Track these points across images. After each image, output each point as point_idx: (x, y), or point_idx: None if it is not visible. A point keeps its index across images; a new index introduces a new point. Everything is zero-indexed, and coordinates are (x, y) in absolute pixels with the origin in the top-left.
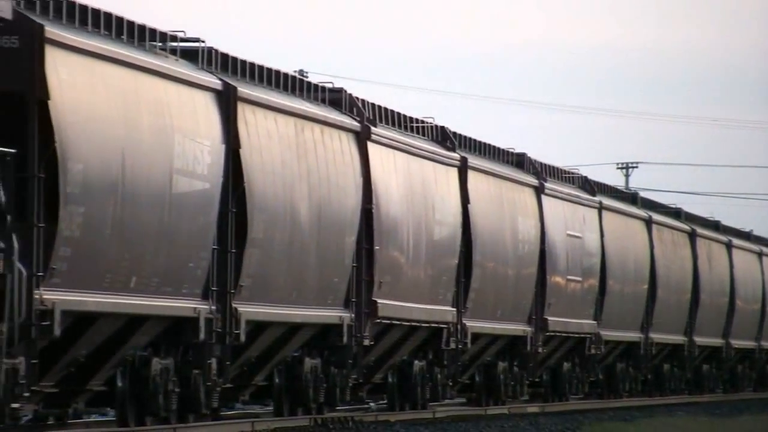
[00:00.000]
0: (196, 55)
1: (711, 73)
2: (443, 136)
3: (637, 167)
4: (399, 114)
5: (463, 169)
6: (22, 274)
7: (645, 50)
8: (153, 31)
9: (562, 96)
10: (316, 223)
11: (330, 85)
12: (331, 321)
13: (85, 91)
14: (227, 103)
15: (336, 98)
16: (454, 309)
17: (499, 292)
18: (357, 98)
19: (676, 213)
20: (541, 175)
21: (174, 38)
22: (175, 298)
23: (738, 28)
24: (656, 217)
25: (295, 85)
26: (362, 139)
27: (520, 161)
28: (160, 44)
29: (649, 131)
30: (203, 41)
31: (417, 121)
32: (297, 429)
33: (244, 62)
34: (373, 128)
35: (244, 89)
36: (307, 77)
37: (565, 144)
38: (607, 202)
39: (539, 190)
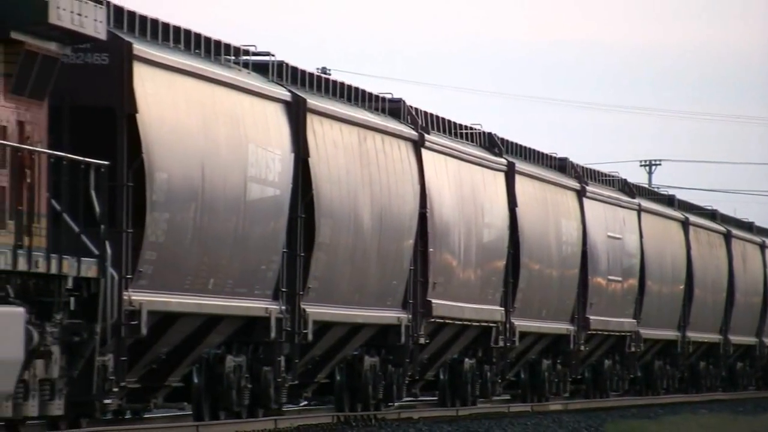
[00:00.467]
0: (266, 68)
1: (735, 70)
2: (491, 142)
3: (660, 165)
4: (450, 121)
5: (510, 174)
6: (113, 278)
7: (668, 48)
8: (227, 45)
9: (585, 93)
10: (377, 228)
11: (389, 96)
12: (389, 322)
13: (168, 105)
14: (296, 114)
15: (394, 108)
16: (503, 308)
17: (544, 292)
18: (412, 107)
19: (712, 214)
20: (583, 179)
21: (246, 52)
22: (248, 299)
23: (764, 25)
24: (693, 218)
25: (357, 95)
26: (418, 146)
27: (562, 165)
28: (233, 58)
29: (672, 129)
30: (273, 55)
31: (466, 128)
32: (321, 426)
33: (311, 75)
34: (427, 136)
35: (312, 100)
36: (329, 74)
37: (589, 141)
38: (646, 204)
39: (581, 193)
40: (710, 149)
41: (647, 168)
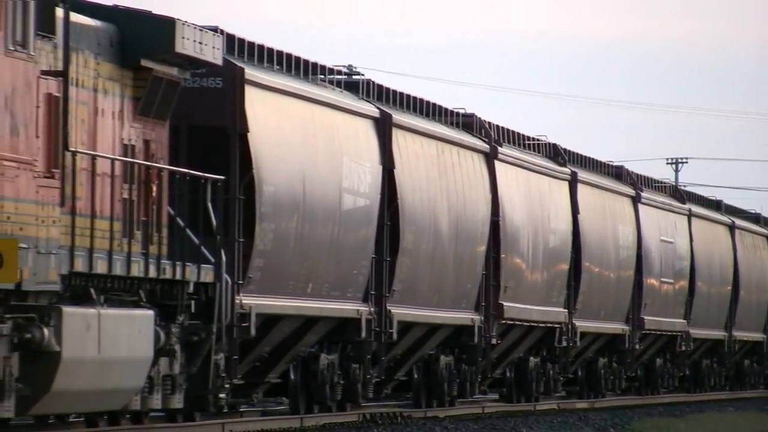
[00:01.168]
0: (356, 86)
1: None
2: (555, 152)
3: (686, 162)
4: (518, 134)
5: (572, 182)
6: (227, 283)
7: (696, 45)
8: (322, 66)
9: (611, 91)
10: (453, 235)
11: (463, 111)
12: (464, 323)
13: (273, 123)
14: (384, 128)
15: (468, 122)
16: (566, 310)
17: (603, 293)
18: (485, 122)
19: (756, 218)
20: (637, 185)
21: (339, 72)
22: (341, 301)
23: None
24: (739, 222)
25: (434, 110)
26: (491, 158)
27: (618, 173)
28: (329, 77)
29: (698, 126)
30: (362, 74)
31: (532, 139)
32: (346, 424)
33: (395, 92)
34: (499, 148)
35: (397, 116)
36: (356, 71)
37: (615, 139)
38: (696, 209)
39: (636, 200)
40: (737, 147)
41: (674, 166)
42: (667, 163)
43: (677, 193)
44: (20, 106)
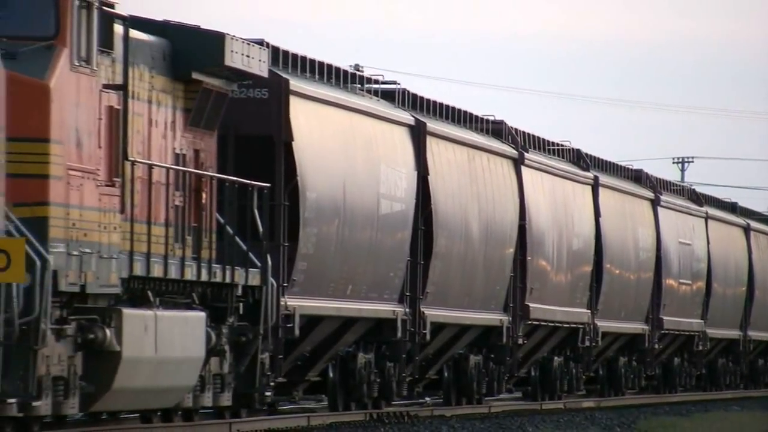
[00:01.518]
0: (392, 95)
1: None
2: (578, 158)
3: (692, 162)
4: (543, 140)
5: (595, 187)
6: (273, 286)
7: (701, 43)
8: (361, 76)
9: (618, 90)
10: (483, 239)
11: (492, 118)
12: (493, 323)
13: (316, 132)
14: (418, 136)
15: (497, 129)
16: (588, 311)
17: (623, 295)
18: (512, 128)
19: None
20: (657, 189)
21: (376, 81)
22: (378, 303)
23: None
24: (754, 224)
25: (465, 118)
26: (518, 164)
27: (637, 176)
28: (367, 86)
29: (704, 125)
30: (398, 83)
31: (556, 144)
32: (352, 423)
33: (428, 100)
34: (526, 154)
35: (432, 124)
36: (362, 71)
37: (620, 138)
38: (713, 211)
39: (655, 203)
40: (742, 146)
41: (680, 165)
42: (673, 163)
43: (694, 195)
44: (84, 119)
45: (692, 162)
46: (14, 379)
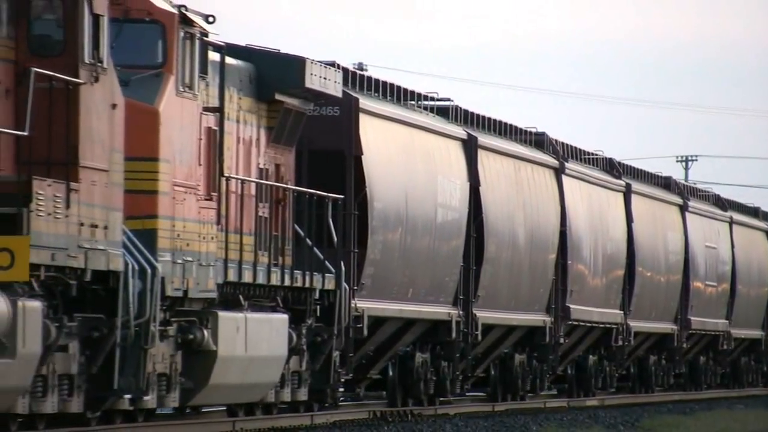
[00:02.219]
0: (446, 111)
1: None
2: (611, 166)
3: (696, 160)
4: (580, 149)
5: (627, 194)
6: (346, 290)
7: (702, 42)
8: (418, 94)
9: (621, 88)
10: (528, 244)
11: (534, 130)
12: (537, 324)
13: (382, 146)
14: (470, 149)
15: (539, 140)
16: (621, 311)
17: (654, 296)
18: (554, 139)
19: None
20: (684, 195)
21: (432, 98)
22: (435, 305)
23: None
24: None
25: (509, 130)
26: (559, 173)
27: (667, 183)
28: (423, 103)
29: (708, 124)
30: (452, 100)
31: (591, 154)
32: (356, 422)
33: (479, 116)
34: (566, 164)
35: (482, 138)
36: (366, 71)
37: (625, 136)
38: (737, 216)
39: (683, 208)
40: (747, 144)
41: (684, 164)
42: (677, 161)
43: (720, 201)
44: (187, 139)
45: (696, 160)
46: (128, 376)
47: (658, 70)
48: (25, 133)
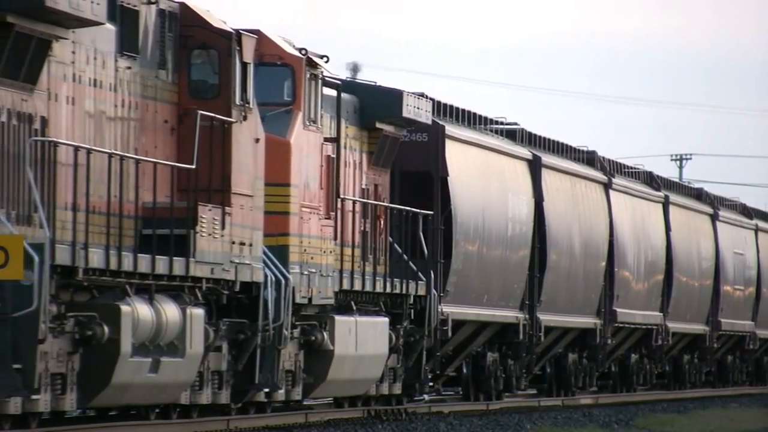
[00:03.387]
0: (513, 134)
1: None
2: (650, 179)
3: (690, 159)
4: (623, 165)
5: (665, 205)
6: (434, 295)
7: (700, 41)
8: (489, 119)
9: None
10: (583, 253)
11: (585, 148)
12: (589, 326)
13: (463, 168)
14: (535, 168)
15: (590, 158)
16: (661, 314)
17: (689, 299)
18: (602, 157)
19: None
20: (715, 205)
21: (500, 123)
22: (505, 310)
23: None
24: None
25: (564, 149)
26: (607, 188)
27: (698, 194)
28: (494, 126)
29: (703, 122)
30: (518, 124)
31: (631, 167)
32: (350, 420)
33: (542, 138)
34: (613, 179)
35: (545, 158)
36: (360, 70)
37: (617, 135)
38: (761, 224)
39: (714, 218)
40: (741, 143)
41: (678, 162)
42: (671, 160)
43: (746, 210)
44: (312, 167)
45: (690, 159)
46: (266, 373)
47: (652, 68)
48: (193, 167)
